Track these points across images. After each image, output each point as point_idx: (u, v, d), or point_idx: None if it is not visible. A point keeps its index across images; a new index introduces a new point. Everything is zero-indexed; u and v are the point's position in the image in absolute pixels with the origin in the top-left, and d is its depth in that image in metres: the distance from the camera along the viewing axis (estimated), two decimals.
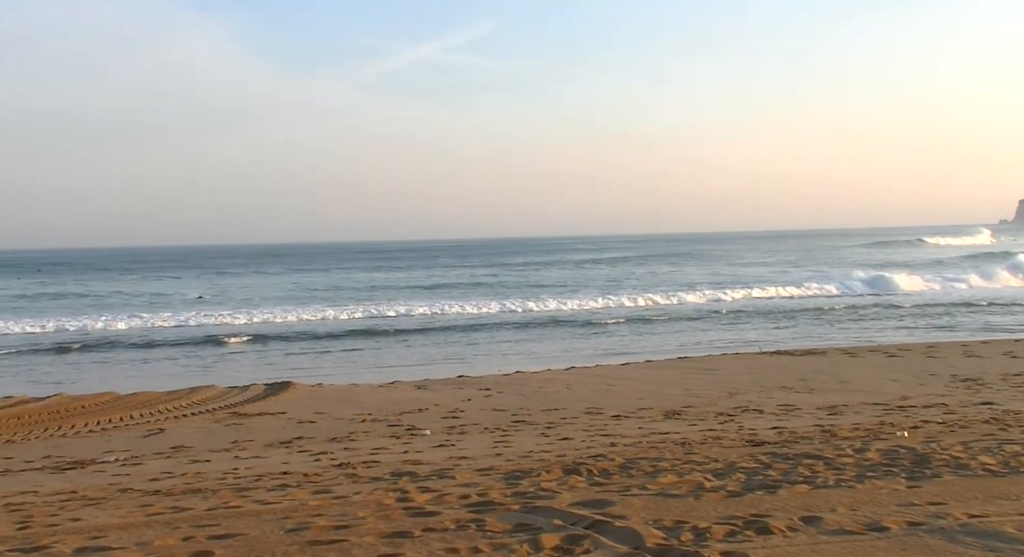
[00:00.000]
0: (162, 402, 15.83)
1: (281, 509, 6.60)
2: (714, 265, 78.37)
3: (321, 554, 5.33)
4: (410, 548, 5.42)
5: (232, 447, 11.19)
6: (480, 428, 11.96)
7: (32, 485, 8.75)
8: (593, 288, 52.58)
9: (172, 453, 10.88)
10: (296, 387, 16.94)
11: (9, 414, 14.89)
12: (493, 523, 5.94)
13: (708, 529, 5.59)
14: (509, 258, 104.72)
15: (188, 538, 5.76)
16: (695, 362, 19.90)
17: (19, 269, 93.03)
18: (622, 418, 12.47)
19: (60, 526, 6.32)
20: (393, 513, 6.34)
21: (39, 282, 68.73)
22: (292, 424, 13.00)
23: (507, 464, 8.51)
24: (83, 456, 10.75)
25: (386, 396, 15.70)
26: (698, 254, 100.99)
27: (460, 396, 15.34)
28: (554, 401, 14.47)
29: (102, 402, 16.14)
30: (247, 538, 5.72)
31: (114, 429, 13.17)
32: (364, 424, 12.76)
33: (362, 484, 7.69)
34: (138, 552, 5.45)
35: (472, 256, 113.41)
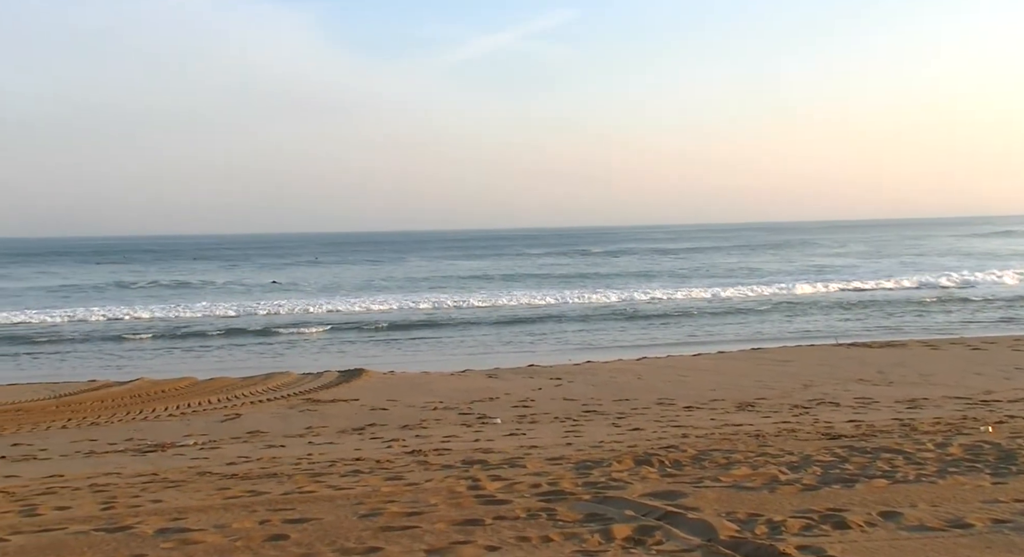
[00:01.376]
0: (239, 388, 16.16)
1: (354, 495, 6.67)
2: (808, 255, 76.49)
3: (394, 540, 5.37)
4: (481, 536, 5.43)
5: (306, 433, 11.37)
6: (550, 417, 11.94)
7: (115, 467, 9.00)
8: (675, 276, 52.19)
9: (248, 438, 11.09)
10: (368, 374, 17.15)
11: (93, 397, 15.37)
12: (564, 512, 5.92)
13: (783, 522, 5.49)
14: (587, 246, 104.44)
15: (264, 521, 5.86)
16: (769, 353, 19.59)
17: (103, 256, 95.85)
18: (694, 409, 12.34)
19: (142, 507, 6.48)
20: (464, 501, 6.36)
21: (130, 270, 70.56)
22: (365, 411, 13.15)
23: (578, 454, 8.48)
24: (163, 439, 11.03)
25: (457, 384, 15.79)
26: (789, 244, 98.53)
27: (531, 385, 15.35)
28: (625, 391, 14.38)
29: (181, 387, 16.56)
30: (322, 523, 5.79)
31: (193, 414, 13.48)
32: (435, 412, 12.85)
33: (433, 471, 7.73)
34: (217, 534, 5.56)
35: (549, 245, 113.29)
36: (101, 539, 5.50)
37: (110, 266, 77.04)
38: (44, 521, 6.08)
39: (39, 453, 10.31)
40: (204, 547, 5.28)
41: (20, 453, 10.36)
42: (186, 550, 5.23)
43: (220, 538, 5.46)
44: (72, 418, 13.24)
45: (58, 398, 15.50)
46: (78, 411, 13.92)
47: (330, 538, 5.42)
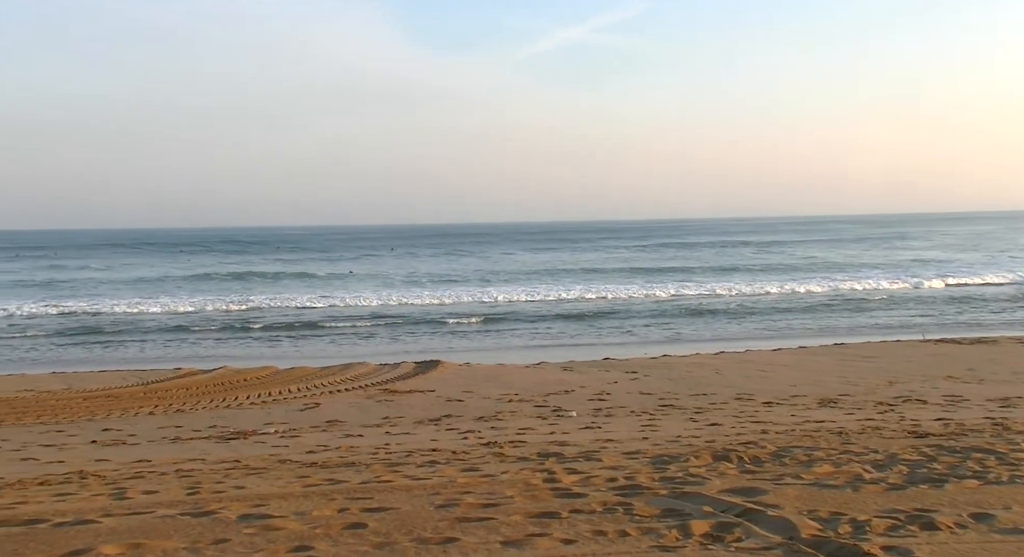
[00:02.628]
0: (318, 377, 16.43)
1: (431, 485, 6.71)
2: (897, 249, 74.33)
3: (470, 531, 5.38)
4: (557, 528, 5.41)
5: (383, 423, 11.48)
6: (626, 411, 11.86)
7: (199, 453, 9.22)
8: (754, 270, 51.43)
9: (327, 427, 11.26)
10: (444, 366, 17.26)
11: (179, 385, 15.79)
12: (641, 507, 5.86)
13: (868, 522, 5.35)
14: (665, 239, 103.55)
15: (343, 510, 5.94)
16: (852, 349, 19.15)
17: (187, 247, 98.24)
18: (774, 405, 12.12)
19: (225, 493, 6.62)
20: (540, 493, 6.35)
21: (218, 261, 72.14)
22: (441, 402, 13.24)
23: (654, 448, 8.39)
24: (245, 427, 11.27)
25: (532, 377, 15.79)
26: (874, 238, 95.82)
27: (606, 378, 15.27)
28: (702, 386, 14.20)
29: (262, 376, 16.90)
30: (399, 512, 5.84)
31: (273, 402, 13.74)
32: (511, 404, 12.87)
33: (509, 463, 7.74)
34: (297, 521, 5.64)
35: (625, 238, 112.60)
36: (187, 523, 5.63)
37: (198, 257, 79.03)
38: (133, 504, 6.26)
39: (128, 438, 10.63)
40: (285, 533, 5.37)
41: (110, 438, 10.69)
42: (268, 536, 5.32)
43: (300, 525, 5.54)
44: (159, 405, 13.62)
45: (146, 385, 15.96)
46: (164, 398, 14.31)
47: (407, 528, 5.46)
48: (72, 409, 13.28)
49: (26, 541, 5.29)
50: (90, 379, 17.07)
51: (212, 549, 5.08)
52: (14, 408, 13.47)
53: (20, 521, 5.75)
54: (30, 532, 5.48)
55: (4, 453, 9.72)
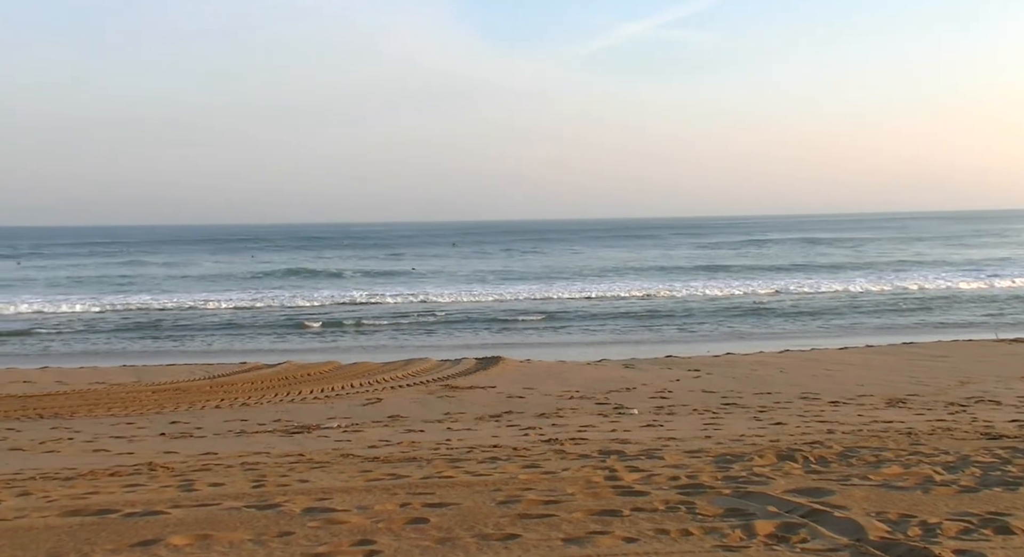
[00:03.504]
0: (379, 372, 16.57)
1: (492, 481, 6.71)
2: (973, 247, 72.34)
3: (531, 527, 5.37)
4: (619, 526, 5.37)
5: (444, 418, 11.54)
6: (689, 409, 11.74)
7: (264, 446, 9.36)
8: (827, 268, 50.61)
9: (389, 422, 11.35)
10: (505, 362, 17.28)
11: (244, 379, 16.05)
12: (704, 506, 5.79)
13: (939, 525, 5.21)
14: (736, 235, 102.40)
15: (405, 505, 5.97)
16: (922, 348, 18.71)
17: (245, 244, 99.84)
18: (840, 404, 11.89)
19: (290, 486, 6.71)
20: (602, 491, 6.31)
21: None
22: (501, 398, 13.26)
23: (717, 447, 8.29)
24: (308, 421, 11.41)
25: (593, 374, 15.73)
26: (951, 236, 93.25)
27: (668, 376, 15.14)
28: (767, 384, 14.00)
29: (326, 371, 17.11)
30: (460, 508, 5.85)
31: (336, 397, 13.89)
32: (572, 401, 12.83)
33: (570, 461, 7.71)
34: (360, 515, 5.69)
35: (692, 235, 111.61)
36: (252, 516, 5.71)
37: (265, 253, 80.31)
38: (200, 496, 6.37)
39: (195, 431, 10.84)
40: (348, 527, 5.42)
41: (178, 430, 10.91)
42: (331, 529, 5.37)
43: (363, 519, 5.59)
44: (225, 398, 13.86)
45: (212, 379, 16.27)
46: (230, 392, 14.56)
47: (469, 523, 5.47)
48: (142, 402, 13.59)
49: (98, 530, 5.42)
50: (159, 372, 17.45)
51: (277, 542, 5.14)
52: (86, 400, 13.83)
53: (92, 511, 5.89)
54: (102, 522, 5.62)
55: (77, 444, 9.99)
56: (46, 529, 5.45)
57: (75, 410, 12.90)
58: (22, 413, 12.71)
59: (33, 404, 13.51)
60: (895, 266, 51.48)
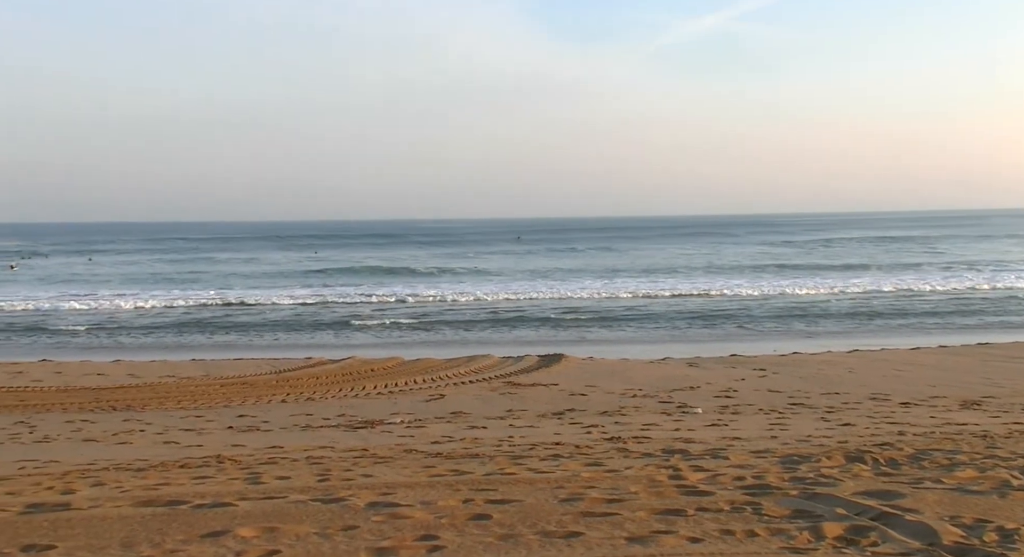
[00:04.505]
0: (442, 369, 16.66)
1: (554, 479, 6.69)
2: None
3: (594, 526, 5.33)
4: (683, 526, 5.31)
5: (507, 415, 11.55)
6: (754, 409, 11.58)
7: (329, 441, 9.47)
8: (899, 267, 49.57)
9: (452, 418, 11.39)
10: (568, 360, 17.24)
11: (309, 374, 16.27)
12: (770, 507, 5.69)
13: (1016, 531, 5.05)
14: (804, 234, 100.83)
15: (468, 501, 5.98)
16: (998, 349, 18.20)
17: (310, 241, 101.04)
18: (911, 406, 11.61)
19: (354, 481, 6.76)
20: (666, 490, 6.25)
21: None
22: (564, 396, 13.23)
23: (784, 448, 8.15)
24: (372, 416, 11.52)
25: (657, 372, 15.61)
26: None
27: (733, 375, 14.95)
28: (835, 385, 13.74)
29: (389, 367, 17.25)
30: (523, 505, 5.84)
31: (400, 393, 14.00)
32: (635, 399, 12.74)
33: (633, 459, 7.65)
34: (423, 511, 5.71)
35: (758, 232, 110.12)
36: (318, 509, 5.78)
37: (329, 251, 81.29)
38: (267, 489, 6.46)
39: (261, 425, 11.01)
40: (412, 522, 5.44)
41: (245, 424, 11.10)
42: (395, 524, 5.40)
43: (426, 515, 5.61)
44: (290, 393, 14.07)
45: (278, 373, 16.52)
46: (296, 386, 14.77)
47: (531, 521, 5.46)
48: (210, 395, 13.86)
49: (169, 521, 5.53)
50: (226, 367, 17.78)
51: (342, 535, 5.19)
52: (157, 393, 14.15)
53: (163, 501, 6.02)
54: (172, 512, 5.73)
55: (148, 436, 10.22)
56: (119, 519, 5.58)
57: (146, 403, 13.21)
58: (96, 405, 13.06)
59: (106, 396, 13.87)
60: (971, 265, 50.15)
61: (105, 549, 5.00)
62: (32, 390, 14.74)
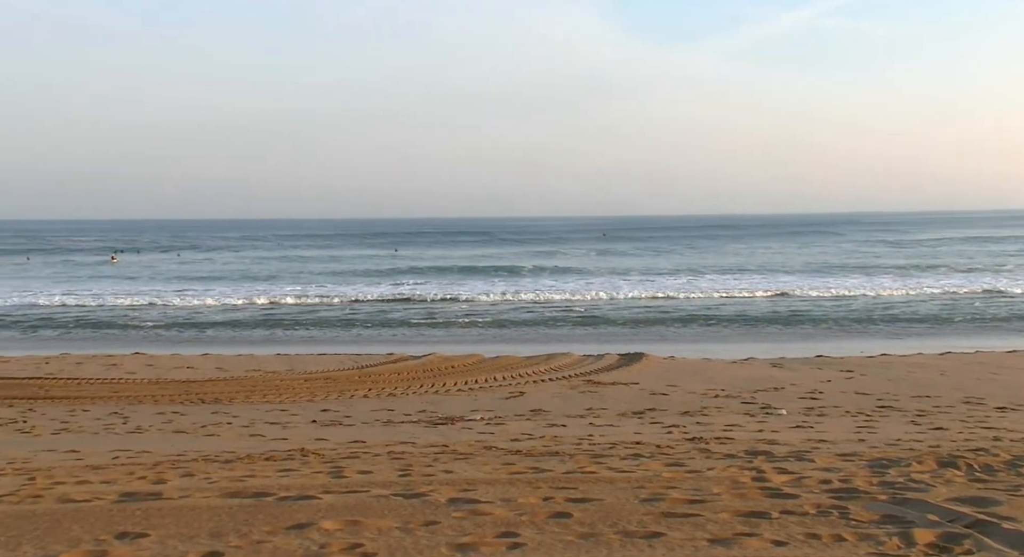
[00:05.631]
0: (522, 366, 16.67)
1: (635, 478, 6.63)
2: None
3: (676, 526, 5.27)
4: (767, 529, 5.20)
5: (587, 414, 11.50)
6: (840, 411, 11.31)
7: (410, 436, 9.56)
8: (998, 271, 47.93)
9: (531, 416, 11.39)
10: (648, 359, 17.10)
11: (391, 370, 16.46)
12: (858, 512, 5.55)
13: None
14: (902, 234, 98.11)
15: (548, 499, 5.96)
16: None
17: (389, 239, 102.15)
18: (1008, 410, 11.20)
19: (435, 477, 6.81)
20: (749, 492, 6.14)
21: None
22: (644, 395, 13.12)
23: (872, 451, 7.94)
24: (452, 413, 11.59)
25: (739, 373, 15.37)
26: None
27: (818, 377, 14.63)
28: (925, 387, 13.34)
29: (469, 363, 17.34)
30: (603, 504, 5.80)
31: (480, 390, 14.06)
32: (717, 399, 12.57)
33: (715, 460, 7.53)
34: (503, 508, 5.72)
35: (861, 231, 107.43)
36: (399, 504, 5.83)
37: (408, 248, 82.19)
38: (349, 483, 6.55)
39: (344, 419, 11.18)
40: (492, 519, 5.45)
41: (328, 418, 11.28)
42: (475, 520, 5.42)
43: (506, 512, 5.61)
44: (372, 388, 14.25)
45: (361, 369, 16.75)
46: (378, 382, 14.96)
47: (612, 520, 5.42)
48: (294, 390, 14.13)
49: (255, 512, 5.64)
50: (310, 362, 18.10)
51: (423, 530, 5.23)
52: (244, 387, 14.49)
53: (249, 493, 6.15)
54: (258, 504, 5.85)
55: (235, 428, 10.47)
56: (208, 509, 5.71)
57: (233, 396, 13.53)
58: (185, 398, 13.44)
59: (195, 389, 14.26)
60: None
61: (195, 538, 5.13)
62: (126, 382, 15.24)
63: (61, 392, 14.08)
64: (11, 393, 13.89)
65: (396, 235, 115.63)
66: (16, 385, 14.77)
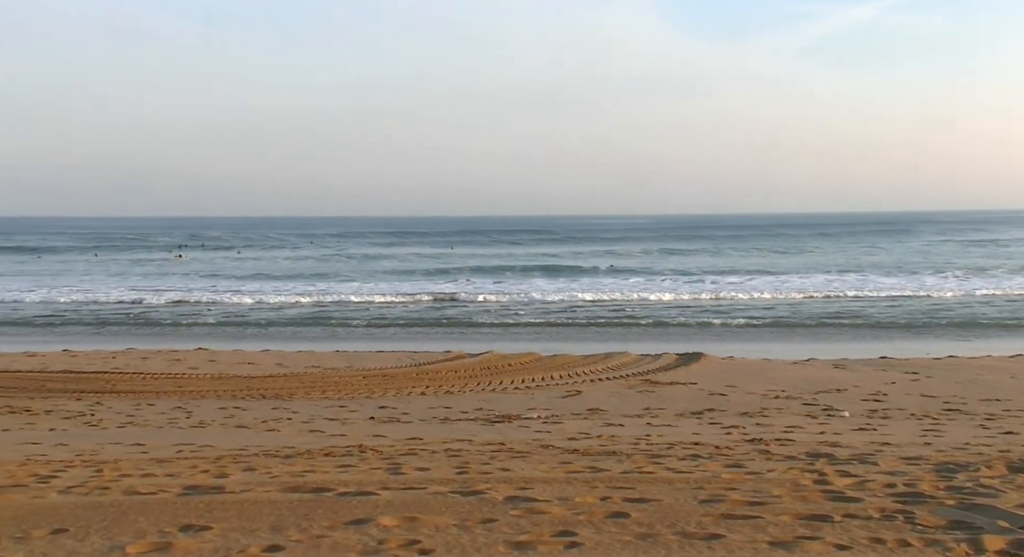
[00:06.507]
0: (579, 365, 16.63)
1: (694, 479, 6.56)
2: None
3: (736, 528, 5.20)
4: (830, 533, 5.11)
5: (644, 413, 11.42)
6: (905, 414, 11.08)
7: (467, 434, 9.59)
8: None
9: (588, 415, 11.35)
10: (707, 358, 16.93)
11: (448, 368, 16.53)
12: (924, 517, 5.42)
13: None
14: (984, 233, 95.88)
15: (605, 498, 5.93)
16: None
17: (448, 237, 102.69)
18: None
19: (492, 475, 6.81)
20: (810, 495, 6.03)
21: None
22: (703, 395, 12.99)
23: (938, 455, 7.75)
24: (509, 411, 11.59)
25: (800, 373, 15.14)
26: None
27: (882, 378, 14.35)
28: (995, 390, 13.00)
29: (526, 362, 17.35)
30: (661, 504, 5.75)
31: (536, 388, 14.05)
32: (777, 400, 12.40)
33: (776, 462, 7.42)
34: (561, 507, 5.70)
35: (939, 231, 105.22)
36: (456, 501, 5.84)
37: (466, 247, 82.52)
38: (407, 480, 6.58)
39: (401, 416, 11.25)
40: (549, 518, 5.44)
41: (386, 415, 11.37)
42: (532, 519, 5.41)
43: (564, 511, 5.59)
44: (429, 385, 14.32)
45: (418, 366, 16.85)
46: (435, 379, 15.04)
47: (670, 521, 5.37)
48: (353, 386, 14.27)
49: (315, 507, 5.70)
50: (368, 358, 18.26)
51: (480, 528, 5.23)
52: (303, 383, 14.67)
53: (309, 488, 6.21)
54: (318, 499, 5.91)
55: (295, 424, 10.60)
56: (269, 503, 5.79)
57: (293, 392, 13.71)
58: (247, 393, 13.65)
59: (256, 385, 14.48)
60: None
61: (256, 532, 5.20)
62: (189, 377, 15.54)
63: (127, 386, 14.41)
64: (80, 387, 14.26)
65: (451, 233, 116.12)
66: (85, 379, 15.15)
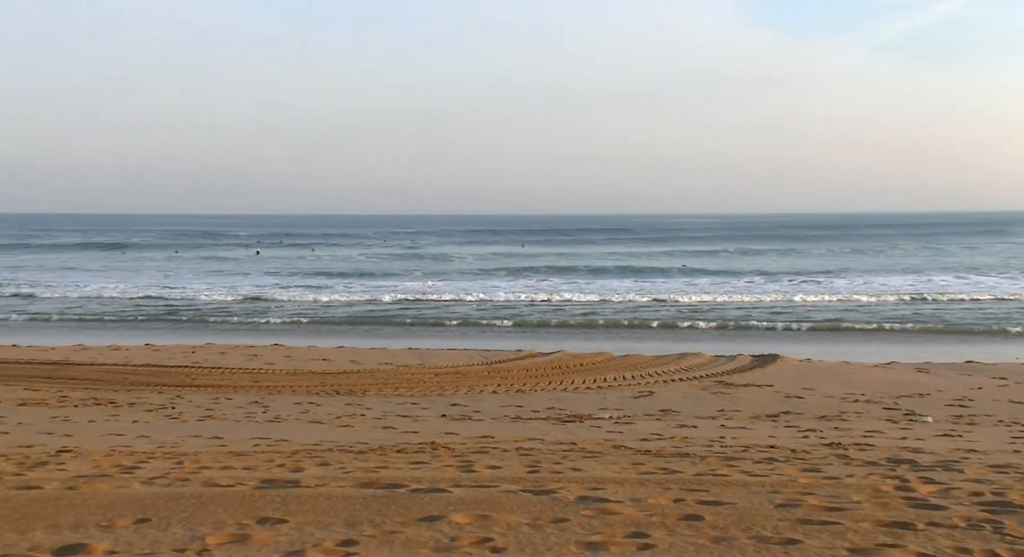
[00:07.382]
0: (651, 366, 16.48)
1: (769, 483, 6.43)
2: None
3: (813, 534, 5.08)
4: (912, 541, 4.95)
5: (718, 415, 11.26)
6: (993, 420, 10.71)
7: (538, 433, 9.56)
8: None
9: (661, 416, 11.23)
10: (783, 360, 16.63)
11: (519, 366, 16.53)
12: (1014, 527, 5.22)
13: None
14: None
15: (678, 500, 5.85)
16: None
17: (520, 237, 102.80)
18: None
19: (563, 474, 6.78)
20: (892, 501, 5.86)
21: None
22: (779, 398, 12.75)
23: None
24: (580, 411, 11.53)
25: (881, 377, 14.77)
26: None
27: (968, 383, 13.91)
28: None
29: (598, 361, 17.26)
30: (736, 508, 5.65)
31: (608, 388, 13.96)
32: (856, 404, 12.10)
33: (855, 467, 7.23)
34: (633, 508, 5.64)
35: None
36: (528, 500, 5.82)
37: (535, 247, 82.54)
38: (479, 478, 6.59)
39: (473, 414, 11.28)
40: (622, 518, 5.38)
41: (458, 413, 11.41)
42: (605, 520, 5.36)
43: (636, 512, 5.53)
44: (501, 384, 14.34)
45: (490, 365, 16.89)
46: (506, 378, 15.05)
47: (745, 524, 5.27)
48: (425, 383, 14.36)
49: (388, 503, 5.74)
50: (440, 356, 18.37)
51: (552, 527, 5.20)
52: (376, 379, 14.82)
53: (382, 484, 6.25)
54: (391, 495, 5.94)
55: (368, 420, 10.70)
56: (343, 498, 5.85)
57: (367, 388, 13.86)
58: (321, 389, 13.84)
59: (331, 381, 14.67)
60: None
61: (331, 526, 5.25)
62: (265, 372, 15.82)
63: (206, 380, 14.73)
64: (161, 380, 14.63)
65: (525, 232, 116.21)
66: (166, 373, 15.54)
